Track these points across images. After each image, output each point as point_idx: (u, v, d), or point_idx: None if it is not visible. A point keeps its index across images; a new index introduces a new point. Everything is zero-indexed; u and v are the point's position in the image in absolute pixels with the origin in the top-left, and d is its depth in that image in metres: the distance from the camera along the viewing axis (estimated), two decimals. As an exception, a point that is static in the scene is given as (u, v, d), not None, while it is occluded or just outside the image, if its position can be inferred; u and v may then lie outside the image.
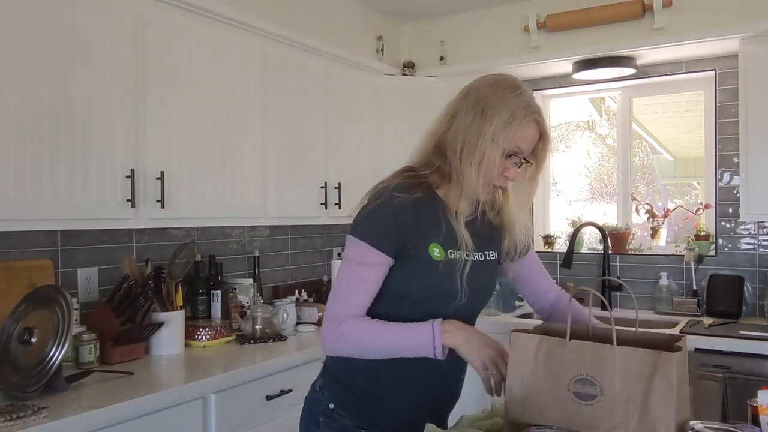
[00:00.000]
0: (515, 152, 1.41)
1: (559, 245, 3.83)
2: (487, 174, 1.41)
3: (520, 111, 1.41)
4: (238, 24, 2.64)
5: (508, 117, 1.40)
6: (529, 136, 1.42)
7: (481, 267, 1.50)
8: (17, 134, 1.91)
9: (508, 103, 1.42)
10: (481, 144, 1.39)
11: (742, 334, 2.73)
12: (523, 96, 1.45)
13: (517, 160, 1.42)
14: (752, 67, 2.94)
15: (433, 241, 1.42)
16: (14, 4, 1.90)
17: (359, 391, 1.49)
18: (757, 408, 1.26)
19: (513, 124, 1.39)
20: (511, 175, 1.43)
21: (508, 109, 1.41)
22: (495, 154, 1.39)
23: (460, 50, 3.74)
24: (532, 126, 1.42)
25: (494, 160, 1.40)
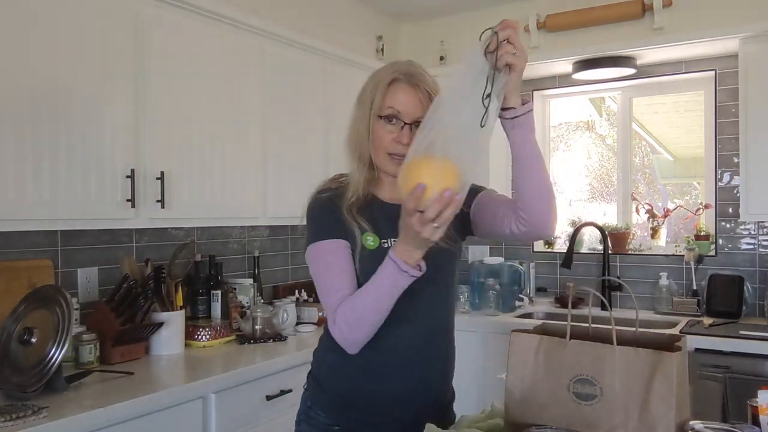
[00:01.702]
0: (393, 115, 1.42)
1: (559, 245, 3.83)
2: (378, 146, 1.44)
3: (383, 73, 1.45)
4: (238, 24, 2.64)
5: (374, 84, 1.44)
6: (399, 94, 1.42)
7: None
8: (17, 134, 1.91)
9: (375, 76, 1.47)
10: (360, 121, 1.46)
11: (742, 334, 2.73)
12: (393, 65, 1.47)
13: (399, 123, 1.42)
14: (752, 67, 2.94)
15: (366, 231, 1.45)
16: (14, 4, 1.90)
17: (329, 389, 1.51)
18: (757, 408, 1.26)
19: (378, 87, 1.43)
20: (403, 139, 1.41)
21: (374, 78, 1.46)
22: (374, 124, 1.43)
23: (460, 50, 3.74)
24: (399, 84, 1.43)
25: (377, 131, 1.43)
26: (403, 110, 1.42)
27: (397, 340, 1.47)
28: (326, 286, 1.43)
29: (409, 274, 1.29)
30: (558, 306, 3.60)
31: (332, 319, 1.40)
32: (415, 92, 1.43)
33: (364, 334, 1.38)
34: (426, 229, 1.19)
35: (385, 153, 1.44)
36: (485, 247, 3.96)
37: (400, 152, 1.41)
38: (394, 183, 1.44)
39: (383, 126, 1.43)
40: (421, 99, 1.42)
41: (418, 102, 1.42)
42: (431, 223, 1.17)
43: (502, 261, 3.61)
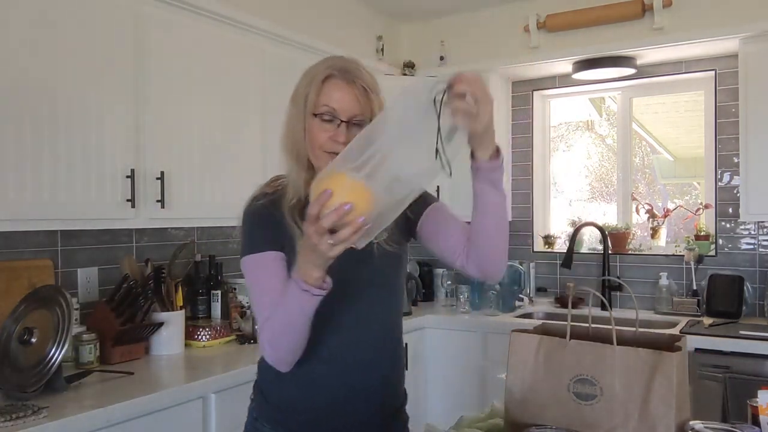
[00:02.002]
0: (329, 112, 1.36)
1: (559, 245, 3.83)
2: (315, 145, 1.37)
3: (317, 69, 1.39)
4: (238, 24, 2.64)
5: (308, 81, 1.39)
6: (334, 91, 1.36)
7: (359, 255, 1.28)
8: (17, 134, 1.91)
9: (309, 72, 1.41)
10: (295, 120, 1.39)
11: (742, 334, 2.73)
12: (327, 60, 1.42)
13: (335, 120, 1.36)
14: (752, 67, 2.94)
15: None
16: (14, 4, 1.90)
17: (272, 400, 1.46)
18: (757, 408, 1.26)
19: (312, 83, 1.37)
20: (339, 137, 1.35)
21: (308, 74, 1.41)
22: (309, 122, 1.37)
23: (460, 50, 3.74)
24: (334, 80, 1.37)
25: (312, 129, 1.37)
26: (339, 107, 1.36)
27: (339, 347, 1.40)
28: (256, 304, 1.38)
29: (311, 293, 1.20)
30: (558, 306, 3.60)
31: (261, 339, 1.35)
32: (351, 88, 1.37)
33: (287, 353, 1.33)
34: (322, 242, 1.10)
35: (322, 152, 1.37)
36: (485, 247, 3.95)
37: (338, 151, 1.33)
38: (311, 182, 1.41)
39: (319, 124, 1.37)
40: (357, 95, 1.37)
41: (355, 98, 1.37)
42: (326, 235, 1.09)
43: (502, 261, 3.60)
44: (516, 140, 3.91)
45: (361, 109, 1.37)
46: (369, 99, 1.39)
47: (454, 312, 3.51)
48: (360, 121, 1.37)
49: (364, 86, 1.38)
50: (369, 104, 1.38)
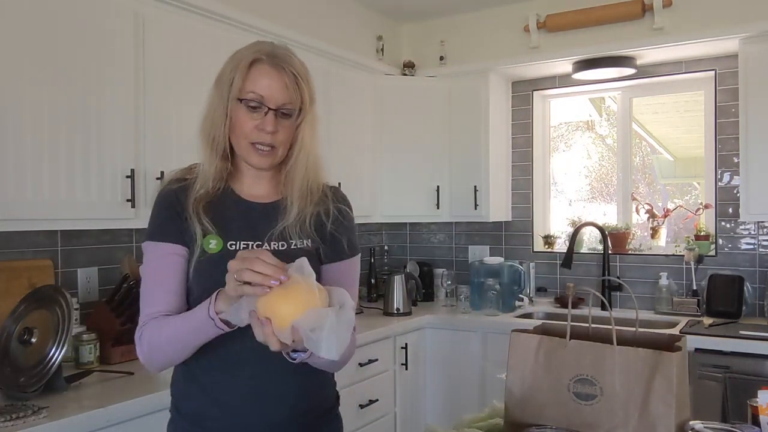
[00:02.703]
0: (256, 99, 1.28)
1: (559, 245, 3.83)
2: (240, 134, 1.30)
3: (244, 52, 1.31)
4: (238, 24, 2.64)
5: (234, 65, 1.30)
6: (262, 77, 1.28)
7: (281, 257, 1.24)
8: (17, 134, 1.91)
9: (235, 56, 1.33)
10: (217, 105, 1.31)
11: (742, 334, 2.73)
12: (255, 44, 1.33)
13: (262, 108, 1.28)
14: (752, 67, 2.94)
15: (209, 232, 1.30)
16: (14, 4, 1.90)
17: (183, 411, 1.38)
18: (757, 408, 1.26)
19: (238, 67, 1.28)
20: (267, 126, 1.28)
21: (234, 58, 1.32)
22: (233, 108, 1.29)
23: (460, 50, 3.74)
24: (262, 65, 1.29)
25: (238, 116, 1.29)
26: (267, 95, 1.28)
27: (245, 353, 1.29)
28: (144, 297, 1.31)
29: (215, 324, 1.17)
30: (558, 306, 3.60)
31: (139, 333, 1.30)
32: (280, 75, 1.29)
33: (162, 363, 1.30)
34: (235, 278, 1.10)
35: (247, 142, 1.30)
36: (485, 247, 3.96)
37: (264, 141, 1.29)
38: (255, 176, 1.37)
39: (245, 111, 1.28)
40: (287, 83, 1.29)
41: (284, 86, 1.29)
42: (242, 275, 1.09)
43: (502, 261, 3.61)
44: (516, 140, 3.91)
45: (290, 98, 1.30)
46: (299, 87, 1.31)
47: (454, 312, 3.51)
48: (289, 110, 1.30)
49: (294, 73, 1.30)
50: (299, 92, 1.31)
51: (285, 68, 1.29)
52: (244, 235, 1.34)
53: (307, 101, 1.32)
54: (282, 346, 1.10)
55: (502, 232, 3.93)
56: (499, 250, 3.92)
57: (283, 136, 1.31)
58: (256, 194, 1.39)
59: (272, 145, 1.30)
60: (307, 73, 1.34)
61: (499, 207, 3.74)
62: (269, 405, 1.32)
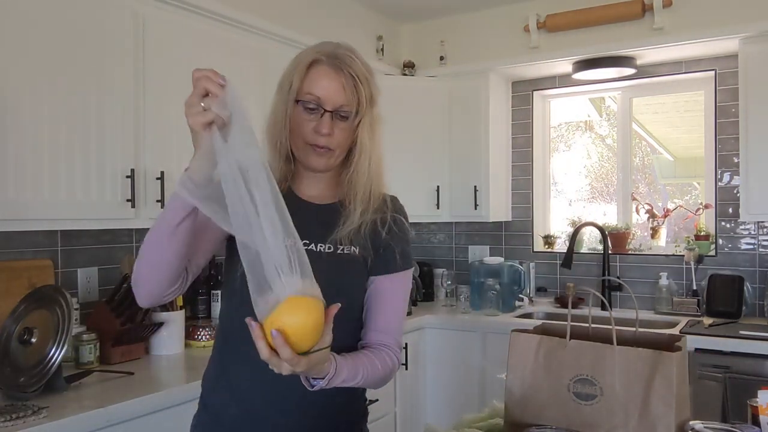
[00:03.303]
0: (314, 101, 1.26)
1: (559, 245, 3.83)
2: (297, 135, 1.29)
3: (305, 54, 1.30)
4: (238, 24, 2.64)
5: (294, 66, 1.30)
6: (320, 78, 1.27)
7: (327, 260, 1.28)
8: (17, 134, 1.91)
9: (297, 57, 1.32)
10: (278, 107, 1.31)
11: (742, 334, 2.73)
12: (317, 45, 1.32)
13: (319, 109, 1.27)
14: (752, 67, 2.94)
15: None
16: (14, 4, 1.90)
17: (209, 405, 1.37)
18: (757, 408, 1.26)
19: (298, 68, 1.28)
20: (323, 128, 1.26)
21: (295, 59, 1.32)
22: (292, 110, 1.28)
23: (460, 50, 3.74)
24: (320, 66, 1.27)
25: (295, 117, 1.28)
26: (324, 96, 1.26)
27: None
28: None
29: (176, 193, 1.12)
30: (558, 306, 3.60)
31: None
32: (338, 76, 1.27)
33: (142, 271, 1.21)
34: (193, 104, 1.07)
35: (304, 143, 1.29)
36: (485, 247, 3.96)
37: (321, 143, 1.28)
38: (313, 177, 1.36)
39: (302, 113, 1.28)
40: (344, 84, 1.27)
41: (341, 87, 1.27)
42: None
43: (502, 261, 3.61)
44: (516, 140, 3.91)
45: (347, 100, 1.28)
46: (356, 89, 1.29)
47: (454, 312, 3.51)
48: (346, 112, 1.29)
49: (352, 74, 1.28)
50: (356, 94, 1.29)
51: (343, 69, 1.28)
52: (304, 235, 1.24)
53: (365, 103, 1.31)
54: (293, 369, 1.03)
55: (502, 232, 3.93)
56: (499, 250, 3.92)
57: (339, 138, 1.30)
58: (312, 194, 1.37)
59: (328, 147, 1.29)
60: (369, 75, 1.33)
61: (499, 207, 3.74)
62: (292, 412, 1.28)
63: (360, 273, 1.33)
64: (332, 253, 1.30)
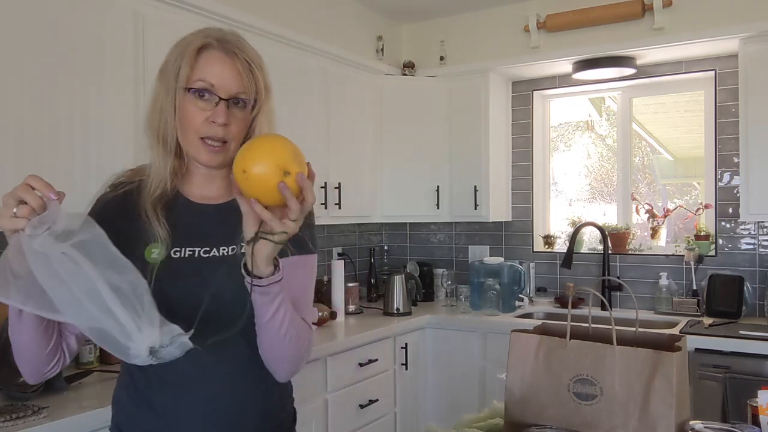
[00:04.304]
0: (205, 88, 1.15)
1: (559, 245, 3.83)
2: (188, 127, 1.17)
3: (192, 38, 1.19)
4: (237, 24, 2.63)
5: (180, 51, 1.19)
6: (213, 63, 1.16)
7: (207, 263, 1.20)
8: (17, 134, 1.91)
9: (181, 42, 1.21)
10: (164, 96, 1.18)
11: (742, 334, 2.73)
12: (203, 30, 1.21)
13: (213, 98, 1.15)
14: (752, 67, 2.94)
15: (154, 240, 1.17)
16: (14, 4, 1.90)
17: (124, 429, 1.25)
18: (757, 408, 1.26)
19: (186, 54, 1.17)
20: (218, 118, 1.15)
21: (180, 44, 1.21)
22: (181, 99, 1.16)
23: (460, 50, 3.74)
24: (212, 51, 1.17)
25: (185, 107, 1.16)
26: (218, 83, 1.15)
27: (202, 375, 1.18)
28: None
29: None
30: (558, 306, 3.60)
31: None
32: (233, 61, 1.17)
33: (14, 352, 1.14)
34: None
35: (196, 136, 1.17)
36: (485, 247, 3.96)
37: (216, 135, 1.16)
38: (206, 175, 1.25)
39: (193, 102, 1.16)
40: (240, 70, 1.17)
41: (237, 73, 1.16)
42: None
43: (502, 261, 3.61)
44: (516, 140, 3.91)
45: (244, 87, 1.17)
46: (253, 75, 1.18)
47: (454, 312, 3.51)
48: (243, 100, 1.18)
49: (247, 59, 1.18)
50: (253, 81, 1.18)
51: (237, 54, 1.17)
52: (191, 241, 1.21)
53: (263, 91, 1.21)
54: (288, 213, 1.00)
55: (502, 232, 3.93)
56: (499, 250, 3.92)
57: (236, 129, 1.19)
58: (208, 195, 1.26)
59: (224, 139, 1.17)
60: (262, 61, 1.22)
61: (499, 207, 3.74)
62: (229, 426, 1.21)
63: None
64: (236, 254, 1.20)
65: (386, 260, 4.14)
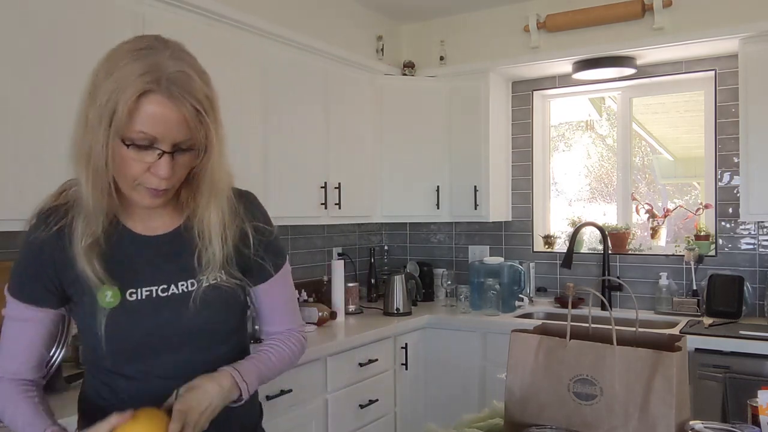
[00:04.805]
0: (147, 141, 1.02)
1: (559, 245, 3.83)
2: (126, 174, 1.05)
3: (128, 73, 1.01)
4: (238, 24, 2.64)
5: (116, 87, 1.01)
6: (154, 113, 1.01)
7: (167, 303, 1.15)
8: (18, 134, 1.91)
9: (118, 71, 1.02)
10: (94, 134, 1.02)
11: (742, 334, 2.73)
12: (140, 58, 1.03)
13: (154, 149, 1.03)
14: (752, 67, 2.94)
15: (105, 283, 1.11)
16: (14, 4, 1.90)
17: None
18: (757, 408, 1.26)
19: (123, 96, 1.00)
20: (160, 171, 1.04)
21: (117, 75, 1.02)
22: (116, 146, 1.02)
23: (460, 50, 3.74)
24: (155, 97, 1.01)
25: (122, 156, 1.03)
26: (162, 135, 1.02)
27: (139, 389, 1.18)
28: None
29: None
30: (558, 306, 3.60)
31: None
32: (179, 107, 1.02)
33: None
34: None
35: (134, 182, 1.06)
36: (485, 247, 3.96)
37: (159, 187, 1.06)
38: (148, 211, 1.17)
39: (132, 153, 1.03)
40: (187, 117, 1.03)
41: (182, 121, 1.03)
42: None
43: (502, 261, 3.61)
44: (516, 140, 3.91)
45: (191, 133, 1.05)
46: (202, 122, 1.05)
47: (454, 312, 3.51)
48: (189, 146, 1.06)
49: (195, 106, 1.04)
50: (202, 129, 1.06)
51: (185, 98, 1.03)
52: (146, 280, 1.15)
53: (213, 135, 1.07)
54: None
55: (502, 232, 3.93)
56: (499, 250, 3.92)
57: (179, 174, 1.09)
58: (153, 226, 1.18)
59: (166, 188, 1.08)
60: (213, 96, 1.09)
61: (499, 207, 3.74)
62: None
63: (235, 297, 1.22)
64: (199, 289, 1.16)
65: (386, 260, 4.14)
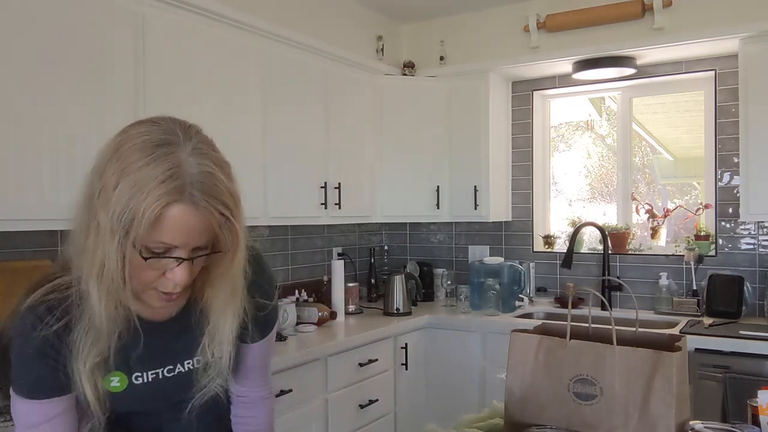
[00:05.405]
0: (166, 248, 0.96)
1: (559, 245, 3.83)
2: (142, 281, 1.00)
3: (151, 189, 0.92)
4: (238, 24, 2.64)
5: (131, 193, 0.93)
6: (174, 224, 0.94)
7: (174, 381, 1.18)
8: (18, 134, 1.91)
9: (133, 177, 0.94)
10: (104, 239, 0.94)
11: (742, 334, 2.73)
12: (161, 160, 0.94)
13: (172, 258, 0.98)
14: (752, 67, 2.94)
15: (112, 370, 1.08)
16: (14, 4, 1.90)
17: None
18: (757, 408, 1.26)
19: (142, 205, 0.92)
20: (177, 277, 0.98)
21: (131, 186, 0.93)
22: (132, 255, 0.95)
23: (460, 50, 3.74)
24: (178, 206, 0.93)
25: (137, 265, 0.97)
26: (183, 242, 0.96)
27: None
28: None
29: None
30: (558, 306, 3.60)
31: None
32: (205, 216, 0.95)
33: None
34: None
35: (147, 287, 1.02)
36: (485, 247, 3.96)
37: (174, 291, 1.02)
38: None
39: (149, 262, 0.97)
40: (212, 224, 0.96)
41: (207, 227, 0.96)
42: None
43: (502, 261, 3.61)
44: (516, 140, 3.91)
45: (215, 238, 1.00)
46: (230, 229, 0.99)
47: (454, 312, 3.51)
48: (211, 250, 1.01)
49: (221, 211, 0.96)
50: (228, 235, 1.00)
51: (212, 206, 0.95)
52: (152, 363, 1.14)
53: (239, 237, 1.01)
54: None
55: (502, 232, 3.93)
56: (499, 250, 3.92)
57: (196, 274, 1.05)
58: (157, 313, 1.13)
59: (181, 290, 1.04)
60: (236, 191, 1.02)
61: (499, 207, 3.74)
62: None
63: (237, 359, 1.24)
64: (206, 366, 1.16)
65: (386, 260, 4.14)
